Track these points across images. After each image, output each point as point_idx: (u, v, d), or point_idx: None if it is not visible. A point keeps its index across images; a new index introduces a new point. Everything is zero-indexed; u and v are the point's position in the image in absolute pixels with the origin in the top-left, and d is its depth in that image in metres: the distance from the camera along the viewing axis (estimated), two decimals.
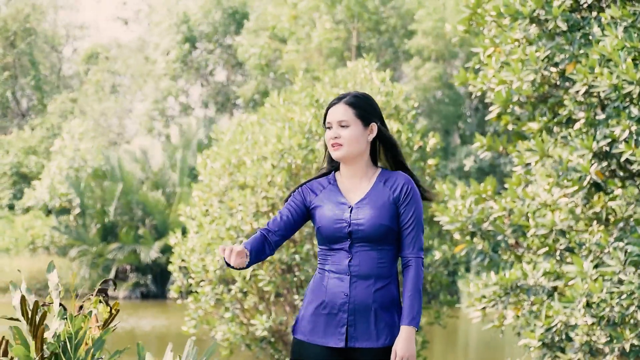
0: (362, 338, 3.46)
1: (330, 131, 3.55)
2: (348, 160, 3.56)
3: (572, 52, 7.34)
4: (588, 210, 7.68)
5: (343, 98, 3.57)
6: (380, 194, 3.53)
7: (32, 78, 37.36)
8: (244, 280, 10.67)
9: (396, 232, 3.51)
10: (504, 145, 8.43)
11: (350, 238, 3.49)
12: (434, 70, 29.04)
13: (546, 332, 7.45)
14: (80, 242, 26.01)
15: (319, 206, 3.57)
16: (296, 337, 3.57)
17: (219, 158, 11.15)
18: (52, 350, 3.00)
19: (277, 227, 3.58)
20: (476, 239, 8.29)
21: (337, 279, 3.49)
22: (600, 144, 7.10)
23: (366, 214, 3.49)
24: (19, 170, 31.77)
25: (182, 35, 34.81)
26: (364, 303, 3.46)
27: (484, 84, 8.16)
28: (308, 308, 3.54)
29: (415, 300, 3.43)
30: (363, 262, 3.48)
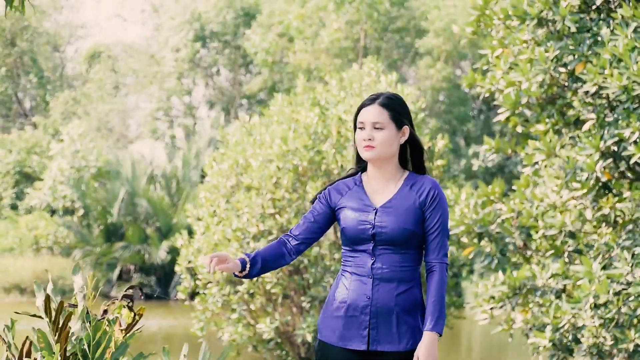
0: (384, 341, 3.45)
1: (363, 132, 3.51)
2: (378, 162, 3.53)
3: (582, 52, 7.34)
4: (596, 212, 7.68)
5: (377, 99, 3.53)
6: (406, 197, 3.51)
7: (35, 75, 37.35)
8: (250, 282, 10.68)
9: (420, 236, 3.49)
10: (512, 148, 8.44)
11: (374, 240, 3.47)
12: (443, 71, 29.04)
13: (554, 332, 7.46)
14: (83, 242, 26.01)
15: (344, 207, 3.55)
16: (319, 338, 3.56)
17: (226, 159, 11.16)
18: (74, 352, 3.01)
19: (299, 232, 3.59)
20: (483, 241, 8.29)
21: (359, 281, 3.48)
22: (608, 142, 7.10)
23: (391, 217, 3.47)
24: (22, 170, 31.76)
25: (194, 33, 34.77)
26: (386, 306, 3.45)
27: (492, 85, 8.17)
28: (330, 310, 3.53)
29: (438, 305, 3.42)
30: (386, 265, 3.46)
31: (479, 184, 8.38)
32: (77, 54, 41.28)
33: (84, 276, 13.64)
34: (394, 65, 30.16)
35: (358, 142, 3.53)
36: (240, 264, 3.50)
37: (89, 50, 39.21)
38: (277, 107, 11.30)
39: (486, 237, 8.25)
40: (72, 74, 40.55)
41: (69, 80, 39.80)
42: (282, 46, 31.02)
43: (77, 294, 3.08)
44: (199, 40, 34.97)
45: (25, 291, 24.52)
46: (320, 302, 10.66)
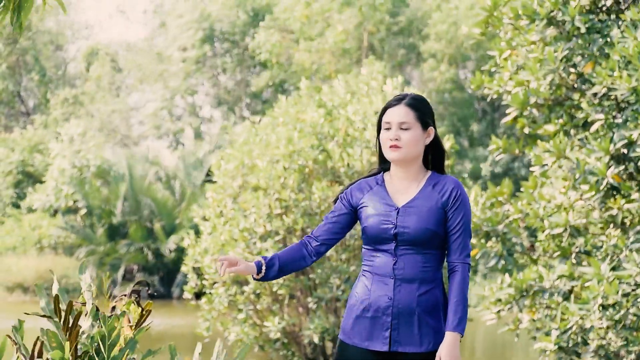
0: (405, 342, 3.43)
1: (389, 132, 3.50)
2: (402, 163, 3.51)
3: (591, 53, 7.32)
4: (604, 213, 7.65)
5: (403, 99, 3.52)
6: (428, 197, 3.49)
7: (37, 72, 37.37)
8: (256, 282, 10.66)
9: (442, 236, 3.47)
10: (519, 148, 8.41)
11: (396, 240, 3.45)
12: (446, 73, 29.06)
13: (562, 334, 7.43)
14: (87, 242, 26.03)
15: (366, 206, 3.53)
16: (340, 338, 3.54)
17: (233, 159, 11.16)
18: (86, 350, 2.99)
19: (320, 233, 3.58)
20: (490, 242, 8.27)
21: (381, 282, 3.46)
22: (617, 145, 7.08)
23: (413, 217, 3.45)
24: (24, 169, 31.78)
25: (203, 33, 34.80)
26: (408, 307, 3.43)
27: (500, 87, 8.15)
28: (352, 310, 3.51)
29: (460, 306, 3.40)
30: (408, 266, 3.44)
31: (488, 185, 8.36)
32: (78, 53, 41.34)
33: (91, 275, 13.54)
34: (398, 67, 30.18)
35: (384, 143, 3.51)
36: (256, 266, 3.52)
37: (87, 48, 39.25)
38: (282, 109, 11.31)
39: (493, 237, 8.23)
40: (74, 72, 40.59)
41: (71, 80, 39.83)
42: (287, 46, 31.06)
43: (84, 292, 3.06)
44: (207, 41, 34.99)
45: (28, 290, 24.53)
46: (326, 302, 10.64)
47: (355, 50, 29.82)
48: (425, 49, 29.52)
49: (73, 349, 2.94)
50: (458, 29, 28.82)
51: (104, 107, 36.16)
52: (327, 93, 11.29)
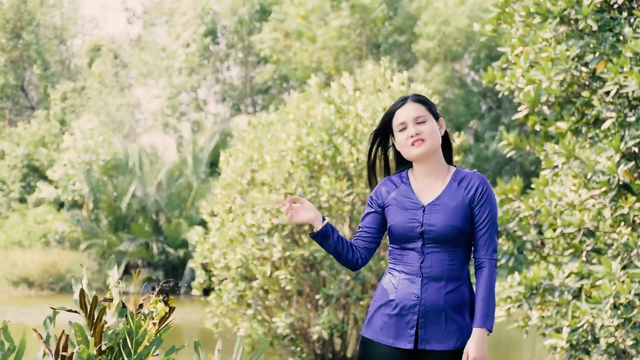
0: (432, 340, 3.43)
1: (407, 130, 3.51)
2: (427, 157, 3.51)
3: (604, 51, 7.31)
4: (615, 211, 7.64)
5: (407, 98, 3.56)
6: (454, 194, 3.49)
7: (39, 67, 37.38)
8: (265, 278, 10.68)
9: (468, 234, 3.47)
10: (530, 145, 8.40)
11: (422, 238, 3.45)
12: (442, 74, 29.06)
13: (572, 332, 7.43)
14: (92, 236, 26.05)
15: (392, 205, 3.53)
16: (365, 336, 3.54)
17: (242, 155, 11.17)
18: (111, 345, 3.00)
19: (359, 244, 3.60)
20: (501, 239, 8.26)
21: (408, 280, 3.46)
22: (629, 144, 7.07)
23: (439, 215, 3.45)
24: (30, 163, 31.80)
25: (205, 28, 34.84)
26: (435, 305, 3.43)
27: (512, 84, 8.13)
28: (378, 308, 3.51)
29: (488, 302, 3.39)
30: (435, 264, 3.44)
31: (497, 182, 8.35)
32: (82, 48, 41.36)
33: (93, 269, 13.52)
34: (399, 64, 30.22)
35: (403, 143, 3.51)
36: (322, 220, 3.51)
37: (90, 44, 39.27)
38: (292, 105, 11.32)
39: (504, 234, 8.22)
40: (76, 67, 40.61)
41: (73, 74, 39.85)
42: (287, 44, 31.14)
43: (112, 288, 3.07)
44: (209, 35, 35.01)
45: (33, 284, 24.55)
46: (336, 299, 10.65)
47: (353, 49, 29.87)
48: (418, 48, 29.58)
49: (97, 343, 2.94)
50: (448, 26, 28.90)
51: (110, 101, 36.18)
52: (336, 89, 11.30)
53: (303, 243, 10.62)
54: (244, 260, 10.63)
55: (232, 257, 10.63)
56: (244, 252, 10.49)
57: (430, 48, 29.38)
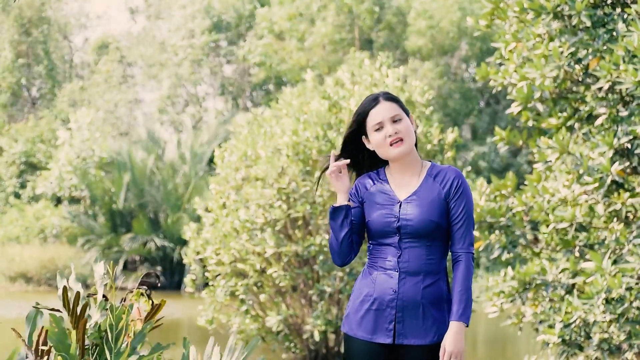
0: (410, 335, 3.45)
1: (385, 130, 3.50)
2: (406, 155, 3.52)
3: (597, 47, 7.31)
4: (608, 207, 7.65)
5: (378, 97, 3.55)
6: (430, 189, 3.51)
7: (45, 67, 37.38)
8: (258, 273, 10.69)
9: (445, 228, 3.49)
10: (523, 140, 8.41)
11: (399, 233, 3.47)
12: (434, 70, 29.05)
13: (565, 328, 7.44)
14: (89, 232, 26.05)
15: (369, 200, 3.55)
16: (344, 331, 3.56)
17: (236, 151, 11.18)
18: (93, 340, 3.00)
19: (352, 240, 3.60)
20: (494, 235, 8.27)
21: (386, 275, 3.48)
22: (622, 140, 7.07)
23: (415, 209, 3.46)
24: (27, 160, 31.80)
25: (210, 21, 34.87)
26: (413, 300, 3.45)
27: (505, 79, 8.14)
28: (356, 303, 3.53)
29: (465, 295, 3.41)
30: (412, 259, 3.46)
31: (491, 178, 8.37)
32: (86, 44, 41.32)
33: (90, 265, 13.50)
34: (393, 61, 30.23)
35: (381, 143, 3.51)
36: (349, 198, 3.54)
37: (97, 41, 39.24)
38: (286, 101, 11.32)
39: (497, 230, 8.24)
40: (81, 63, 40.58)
41: (77, 70, 39.83)
42: (278, 47, 31.16)
43: (97, 283, 3.07)
44: (215, 29, 35.06)
45: (31, 280, 24.56)
46: (330, 295, 10.66)
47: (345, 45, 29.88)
48: (409, 44, 29.58)
49: (80, 338, 2.95)
50: (438, 22, 28.90)
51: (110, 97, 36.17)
52: (331, 85, 11.30)
53: (297, 239, 10.63)
54: (237, 255, 10.65)
55: (225, 252, 10.64)
56: (238, 247, 10.50)
57: (422, 44, 29.38)
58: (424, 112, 11.07)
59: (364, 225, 3.58)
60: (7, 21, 36.52)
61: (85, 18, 41.72)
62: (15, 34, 36.58)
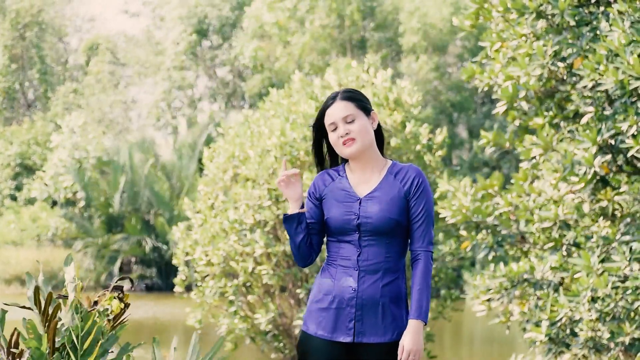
0: (369, 333, 3.44)
1: (337, 130, 3.51)
2: (360, 154, 3.52)
3: (580, 46, 7.34)
4: (594, 205, 7.68)
5: (336, 96, 3.55)
6: (390, 187, 3.51)
7: (38, 71, 37.40)
8: (246, 274, 10.71)
9: (405, 226, 3.49)
10: (510, 141, 8.43)
11: (359, 231, 3.46)
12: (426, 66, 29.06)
13: (551, 326, 7.47)
14: (85, 234, 26.06)
15: (328, 198, 3.55)
16: (304, 330, 3.55)
17: (224, 152, 11.20)
18: (64, 342, 3.02)
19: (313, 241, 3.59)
20: (481, 234, 8.30)
21: (345, 273, 3.47)
22: (605, 136, 7.10)
23: (375, 207, 3.46)
24: (23, 162, 31.80)
25: (192, 27, 34.90)
26: (372, 298, 3.44)
27: (491, 79, 8.17)
28: (316, 302, 3.52)
29: (424, 294, 3.41)
30: (371, 256, 3.45)
31: (477, 178, 8.40)
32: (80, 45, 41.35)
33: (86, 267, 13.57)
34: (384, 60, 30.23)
35: (335, 143, 3.52)
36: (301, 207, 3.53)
37: (87, 42, 39.27)
38: (274, 102, 11.35)
39: (484, 229, 8.26)
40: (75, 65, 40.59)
41: (71, 73, 39.84)
42: (268, 50, 31.19)
43: (67, 284, 3.09)
44: (198, 34, 35.09)
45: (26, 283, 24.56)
46: None
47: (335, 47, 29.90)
48: (404, 42, 29.60)
49: (51, 340, 2.97)
50: (430, 18, 28.91)
51: (104, 99, 36.19)
52: (318, 86, 11.33)
53: (285, 239, 10.65)
54: (226, 256, 10.67)
55: (214, 253, 10.66)
56: (226, 248, 10.53)
57: (415, 43, 29.39)
58: (413, 112, 11.09)
59: (323, 224, 3.57)
60: (1, 24, 36.54)
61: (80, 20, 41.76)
62: (9, 38, 36.58)
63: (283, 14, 30.04)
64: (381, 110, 10.69)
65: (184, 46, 34.93)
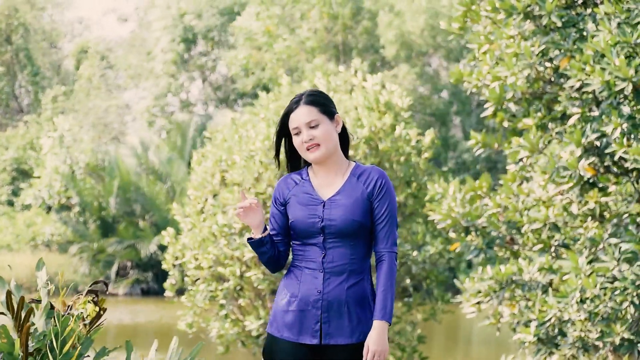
0: (336, 334, 3.46)
1: (301, 135, 3.51)
2: (324, 159, 3.53)
3: (567, 47, 7.35)
4: (583, 206, 7.69)
5: (300, 100, 3.55)
6: (353, 189, 3.52)
7: (29, 73, 37.41)
8: (236, 278, 10.70)
9: (369, 227, 3.50)
10: (498, 142, 8.44)
11: (323, 233, 3.48)
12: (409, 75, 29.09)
13: (540, 326, 7.48)
14: (80, 238, 26.06)
15: (292, 201, 3.56)
16: (269, 332, 3.56)
17: (212, 156, 11.20)
18: (38, 347, 3.02)
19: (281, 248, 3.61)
20: (470, 236, 8.31)
21: (310, 276, 3.49)
22: (590, 138, 7.11)
23: (339, 209, 3.48)
24: (18, 167, 31.81)
25: (180, 36, 35.00)
26: (337, 299, 3.46)
27: (479, 81, 8.18)
28: (281, 304, 3.54)
29: (388, 294, 3.43)
30: (336, 258, 3.47)
31: (466, 179, 8.40)
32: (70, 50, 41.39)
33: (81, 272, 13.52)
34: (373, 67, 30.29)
35: (299, 147, 3.52)
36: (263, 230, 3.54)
37: (77, 46, 39.31)
38: (263, 105, 11.36)
39: (473, 231, 8.27)
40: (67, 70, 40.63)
41: (64, 77, 39.87)
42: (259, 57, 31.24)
43: (40, 289, 3.09)
44: (185, 42, 35.18)
45: (21, 288, 24.50)
46: None
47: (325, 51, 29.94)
48: (385, 53, 29.66)
49: (24, 343, 2.97)
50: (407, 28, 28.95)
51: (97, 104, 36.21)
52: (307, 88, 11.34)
53: None
54: (215, 260, 10.67)
55: (204, 257, 10.66)
56: (216, 252, 10.53)
57: (395, 52, 29.44)
58: (403, 115, 11.10)
59: (289, 229, 3.59)
60: None
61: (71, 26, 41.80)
62: None
63: (272, 20, 30.10)
64: (371, 114, 10.69)
65: (172, 56, 35.02)
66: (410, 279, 11.08)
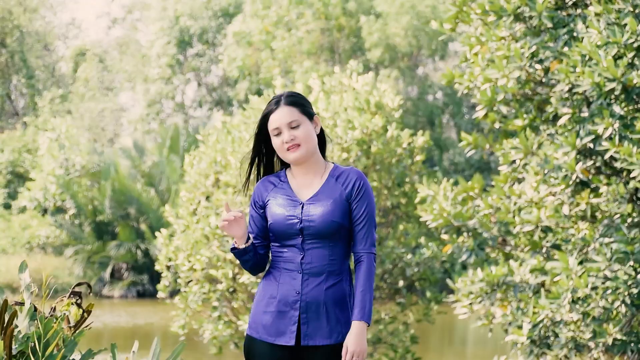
0: (315, 335, 3.46)
1: (282, 136, 3.51)
2: (304, 160, 3.54)
3: (557, 49, 7.36)
4: (574, 207, 7.70)
5: (280, 101, 3.55)
6: (332, 190, 3.52)
7: (24, 76, 37.38)
8: (229, 279, 10.70)
9: (347, 228, 3.51)
10: (490, 144, 8.45)
11: (302, 235, 3.49)
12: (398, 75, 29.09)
13: (533, 328, 7.49)
14: (76, 241, 26.04)
15: (271, 203, 3.56)
16: (248, 333, 3.56)
17: (205, 158, 11.19)
18: (21, 349, 3.02)
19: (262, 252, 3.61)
20: (462, 237, 8.31)
21: (289, 277, 3.49)
22: (584, 140, 7.12)
23: (317, 210, 3.48)
24: (14, 170, 31.77)
25: (175, 39, 35.00)
26: (316, 300, 3.47)
27: (471, 82, 8.18)
28: (260, 305, 3.53)
29: (367, 295, 3.43)
30: (315, 259, 3.48)
31: (458, 180, 8.41)
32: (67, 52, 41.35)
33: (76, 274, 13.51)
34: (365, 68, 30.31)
35: (279, 148, 3.52)
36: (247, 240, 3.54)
37: (74, 49, 39.28)
38: (254, 108, 11.35)
39: (465, 232, 8.27)
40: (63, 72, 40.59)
41: (59, 80, 39.83)
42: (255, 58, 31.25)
43: (23, 291, 3.09)
44: (180, 45, 35.18)
45: (17, 291, 24.51)
46: None
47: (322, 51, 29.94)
48: (370, 56, 29.68)
49: (7, 346, 2.97)
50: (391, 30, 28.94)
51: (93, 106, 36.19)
52: (300, 90, 11.33)
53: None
54: (208, 262, 10.66)
55: (196, 259, 10.66)
56: (209, 254, 10.52)
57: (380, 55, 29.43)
58: (394, 115, 11.10)
59: (268, 231, 3.59)
60: None
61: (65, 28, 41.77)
62: None
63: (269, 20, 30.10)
64: (362, 115, 10.69)
65: (167, 59, 35.02)
66: (404, 280, 11.08)
